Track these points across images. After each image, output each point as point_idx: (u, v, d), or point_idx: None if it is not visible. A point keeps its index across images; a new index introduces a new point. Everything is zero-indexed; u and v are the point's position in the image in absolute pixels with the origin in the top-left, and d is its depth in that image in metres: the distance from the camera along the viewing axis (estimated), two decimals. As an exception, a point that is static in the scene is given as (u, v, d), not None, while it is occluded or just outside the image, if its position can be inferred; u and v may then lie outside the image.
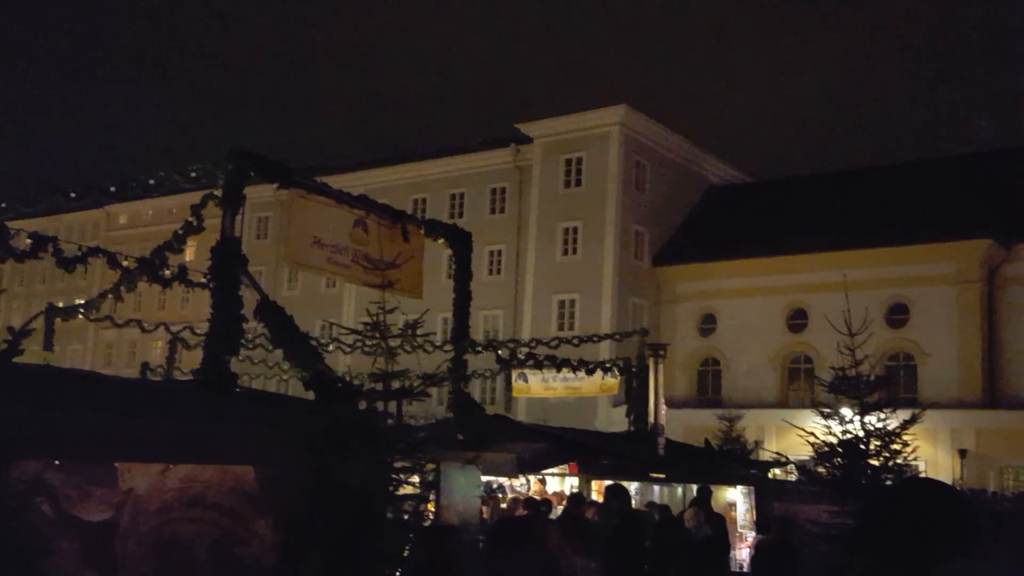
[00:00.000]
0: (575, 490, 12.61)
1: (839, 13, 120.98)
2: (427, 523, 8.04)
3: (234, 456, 7.10)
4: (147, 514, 6.89)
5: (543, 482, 14.14)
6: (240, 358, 21.31)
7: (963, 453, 32.26)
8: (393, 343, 9.43)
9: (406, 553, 7.72)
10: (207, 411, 7.32)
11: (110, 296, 13.42)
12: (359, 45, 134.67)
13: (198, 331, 18.07)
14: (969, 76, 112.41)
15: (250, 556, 7.10)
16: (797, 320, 38.12)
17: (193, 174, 10.22)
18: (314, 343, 17.95)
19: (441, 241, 12.89)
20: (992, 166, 38.73)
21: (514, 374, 22.21)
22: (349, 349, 17.58)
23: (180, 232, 11.17)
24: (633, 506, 11.55)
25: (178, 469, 7.06)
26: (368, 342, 9.43)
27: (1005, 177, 37.31)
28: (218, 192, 9.76)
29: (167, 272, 11.91)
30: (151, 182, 11.20)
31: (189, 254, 33.57)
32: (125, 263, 12.30)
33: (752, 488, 13.87)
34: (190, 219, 10.91)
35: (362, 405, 8.36)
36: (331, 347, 18.97)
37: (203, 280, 10.96)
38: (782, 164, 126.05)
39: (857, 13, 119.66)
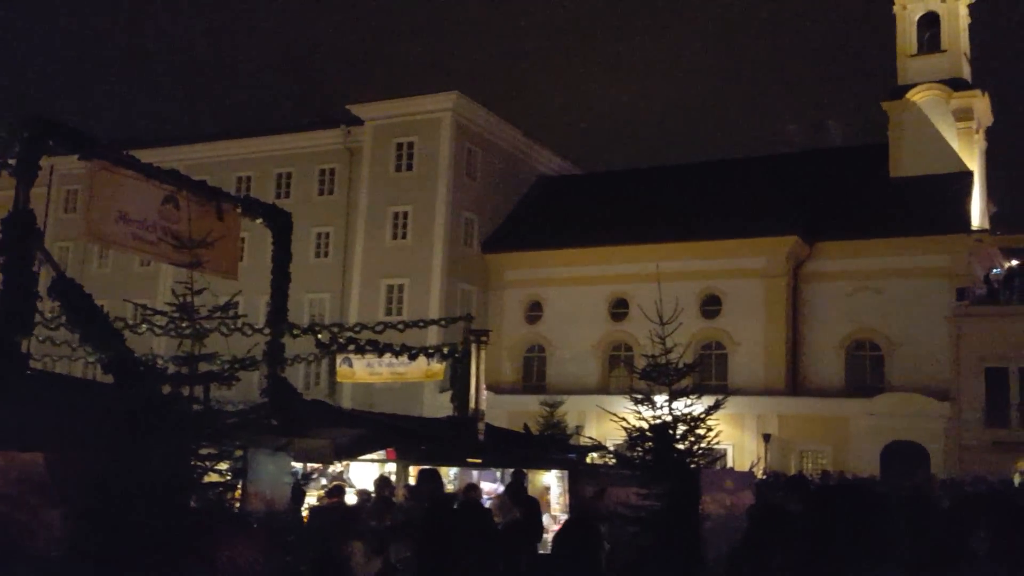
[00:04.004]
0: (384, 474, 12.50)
1: (667, 15, 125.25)
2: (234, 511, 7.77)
3: (20, 442, 6.67)
4: (-82, 505, 6.39)
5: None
6: (41, 339, 20.16)
7: (767, 438, 34.11)
8: (209, 325, 9.07)
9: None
10: (-9, 394, 6.84)
11: None
12: (185, 19, 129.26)
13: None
14: (785, 81, 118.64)
15: (36, 548, 6.69)
16: (619, 309, 39.27)
17: (-15, 141, 9.53)
18: (121, 324, 17.12)
19: (260, 221, 12.52)
20: (800, 167, 41.06)
21: (339, 359, 21.84)
22: (161, 331, 16.85)
23: (-30, 203, 10.42)
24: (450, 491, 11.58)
25: (-44, 456, 6.57)
26: (182, 324, 9.03)
27: (812, 178, 39.63)
28: (12, 161, 9.15)
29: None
30: (-63, 147, 10.38)
31: (-10, 227, 31.44)
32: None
33: (566, 472, 14.17)
34: (-19, 189, 10.20)
35: (166, 389, 8.01)
36: (143, 328, 18.16)
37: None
38: (610, 157, 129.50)
39: (685, 16, 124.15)
